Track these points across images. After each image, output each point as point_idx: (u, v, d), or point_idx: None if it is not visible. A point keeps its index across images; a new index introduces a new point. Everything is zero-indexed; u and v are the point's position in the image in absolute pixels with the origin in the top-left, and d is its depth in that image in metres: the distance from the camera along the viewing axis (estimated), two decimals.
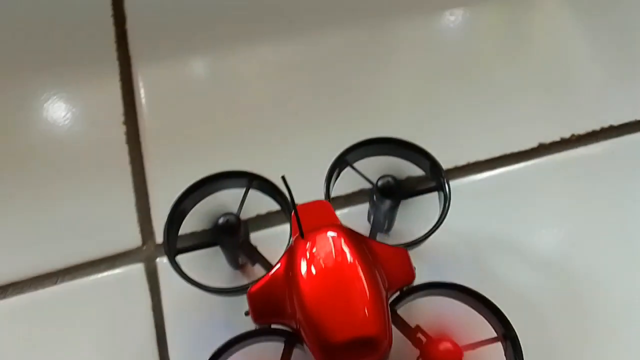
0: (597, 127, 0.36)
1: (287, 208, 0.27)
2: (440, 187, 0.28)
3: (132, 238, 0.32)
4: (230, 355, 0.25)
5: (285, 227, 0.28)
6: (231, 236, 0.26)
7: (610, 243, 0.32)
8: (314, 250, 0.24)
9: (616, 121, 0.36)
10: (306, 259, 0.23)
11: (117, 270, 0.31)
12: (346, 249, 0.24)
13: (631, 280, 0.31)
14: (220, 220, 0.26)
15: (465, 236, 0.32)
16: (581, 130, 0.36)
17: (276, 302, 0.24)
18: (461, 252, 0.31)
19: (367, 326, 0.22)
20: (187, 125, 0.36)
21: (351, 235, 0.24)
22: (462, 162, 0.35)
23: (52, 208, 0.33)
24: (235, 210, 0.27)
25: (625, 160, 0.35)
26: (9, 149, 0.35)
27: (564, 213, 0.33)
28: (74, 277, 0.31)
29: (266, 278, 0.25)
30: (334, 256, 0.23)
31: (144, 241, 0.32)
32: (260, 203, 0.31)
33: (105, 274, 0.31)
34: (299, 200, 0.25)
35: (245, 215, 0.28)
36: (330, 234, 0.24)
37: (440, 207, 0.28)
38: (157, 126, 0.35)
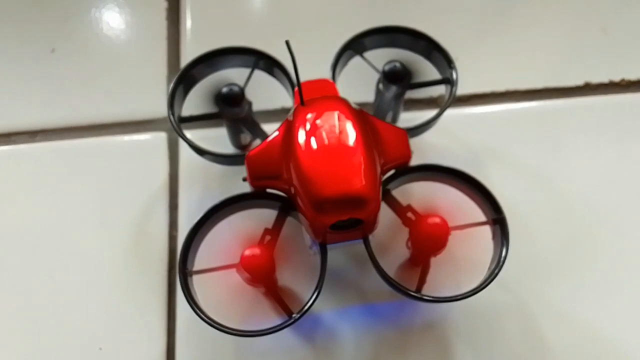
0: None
1: (292, 86, 0.28)
2: (447, 80, 0.28)
3: (159, 109, 0.33)
4: (226, 215, 0.26)
5: None
6: (233, 106, 0.27)
7: (616, 182, 0.32)
8: (314, 115, 0.24)
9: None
10: (305, 124, 0.24)
11: (142, 135, 0.33)
12: (345, 117, 0.24)
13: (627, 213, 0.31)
14: (224, 90, 0.27)
15: (470, 145, 0.32)
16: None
17: (272, 166, 0.24)
18: (462, 157, 0.31)
19: (356, 184, 0.22)
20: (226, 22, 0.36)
21: (352, 108, 0.25)
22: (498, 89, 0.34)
23: (98, 75, 0.35)
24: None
25: None
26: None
27: (579, 151, 0.32)
28: (102, 134, 0.33)
29: (264, 144, 0.25)
30: (333, 121, 0.24)
31: None
32: (273, 98, 0.31)
33: (131, 136, 0.33)
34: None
35: (257, 106, 0.29)
36: (332, 102, 0.24)
37: (446, 97, 0.28)
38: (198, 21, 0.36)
